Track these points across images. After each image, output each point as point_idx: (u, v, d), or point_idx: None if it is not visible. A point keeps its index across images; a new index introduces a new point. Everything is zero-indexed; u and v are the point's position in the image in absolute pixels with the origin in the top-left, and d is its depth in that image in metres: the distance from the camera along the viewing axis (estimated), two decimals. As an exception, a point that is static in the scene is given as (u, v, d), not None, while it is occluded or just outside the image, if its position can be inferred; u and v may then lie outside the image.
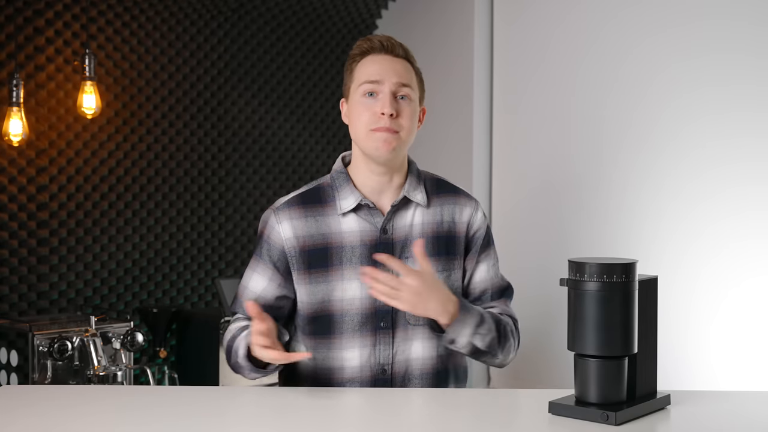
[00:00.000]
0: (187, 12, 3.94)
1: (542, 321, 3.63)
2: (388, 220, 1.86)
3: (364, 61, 1.86)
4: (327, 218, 1.87)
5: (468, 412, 1.60)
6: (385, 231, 1.86)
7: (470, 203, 1.95)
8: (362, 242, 1.85)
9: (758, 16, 3.03)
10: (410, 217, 1.88)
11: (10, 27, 3.39)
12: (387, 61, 1.84)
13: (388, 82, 1.82)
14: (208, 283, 4.05)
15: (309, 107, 4.41)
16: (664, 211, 3.30)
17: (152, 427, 1.50)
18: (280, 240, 1.87)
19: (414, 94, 1.85)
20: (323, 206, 1.88)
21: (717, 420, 1.52)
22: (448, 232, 1.90)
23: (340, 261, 1.84)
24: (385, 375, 1.84)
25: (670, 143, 3.28)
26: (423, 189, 1.90)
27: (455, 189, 1.96)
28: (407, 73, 1.85)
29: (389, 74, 1.82)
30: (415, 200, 1.88)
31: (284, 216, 1.88)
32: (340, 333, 1.85)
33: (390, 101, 1.81)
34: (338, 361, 1.85)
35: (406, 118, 1.83)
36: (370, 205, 1.86)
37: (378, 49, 1.85)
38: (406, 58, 1.87)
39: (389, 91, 1.81)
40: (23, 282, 3.48)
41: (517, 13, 3.89)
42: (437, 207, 1.91)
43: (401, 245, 1.86)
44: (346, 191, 1.87)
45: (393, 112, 1.80)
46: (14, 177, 3.45)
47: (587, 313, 1.49)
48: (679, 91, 3.26)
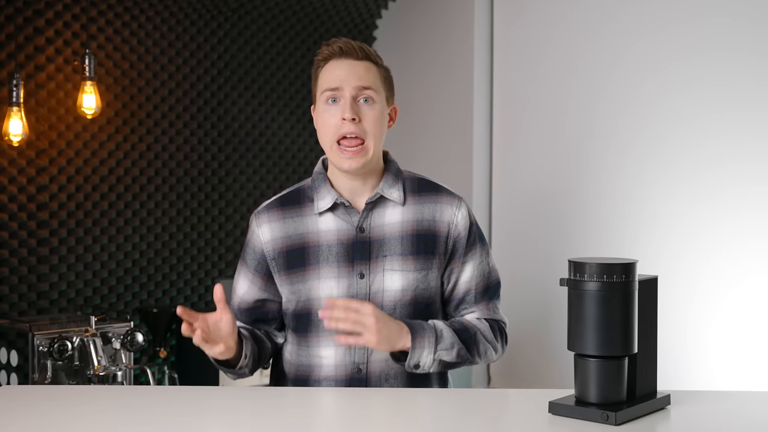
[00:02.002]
0: (187, 12, 3.94)
1: (542, 321, 3.63)
2: (365, 218, 1.87)
3: (326, 68, 1.87)
4: (304, 218, 1.88)
5: (468, 412, 1.60)
6: (362, 230, 1.86)
7: (452, 202, 1.92)
8: (339, 241, 1.85)
9: (758, 15, 3.03)
10: (388, 215, 1.88)
11: (10, 27, 3.39)
12: (347, 66, 1.84)
13: (347, 87, 1.82)
14: (208, 283, 4.05)
15: (309, 107, 4.40)
16: (663, 211, 3.30)
17: (152, 427, 1.50)
18: (259, 243, 1.90)
19: (378, 95, 1.85)
20: (301, 207, 1.90)
21: (717, 420, 1.52)
22: (428, 231, 1.89)
23: (317, 260, 1.85)
24: (360, 374, 1.84)
25: (669, 143, 3.28)
26: (401, 187, 1.90)
27: (437, 187, 1.94)
28: (368, 75, 1.85)
29: (349, 79, 1.83)
30: (391, 198, 1.88)
31: (263, 219, 1.90)
32: (317, 331, 1.86)
33: (350, 106, 1.81)
34: (316, 359, 1.87)
35: (370, 121, 1.83)
36: (347, 204, 1.86)
37: (338, 54, 1.85)
38: (367, 59, 1.86)
39: (349, 96, 1.82)
40: (23, 282, 3.48)
41: (517, 13, 3.89)
42: (417, 205, 1.90)
43: (378, 244, 1.86)
44: (323, 191, 1.88)
45: (354, 116, 1.81)
46: (14, 177, 3.45)
47: (587, 313, 1.49)
48: (678, 90, 3.26)
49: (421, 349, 1.78)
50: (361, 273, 1.85)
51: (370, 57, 1.87)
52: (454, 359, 1.83)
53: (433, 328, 1.82)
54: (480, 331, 1.88)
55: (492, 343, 1.89)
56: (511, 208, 3.91)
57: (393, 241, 1.86)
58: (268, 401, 1.70)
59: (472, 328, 1.88)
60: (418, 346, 1.78)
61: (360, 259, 1.85)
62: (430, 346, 1.79)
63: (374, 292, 1.85)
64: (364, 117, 1.82)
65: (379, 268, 1.85)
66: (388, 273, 1.85)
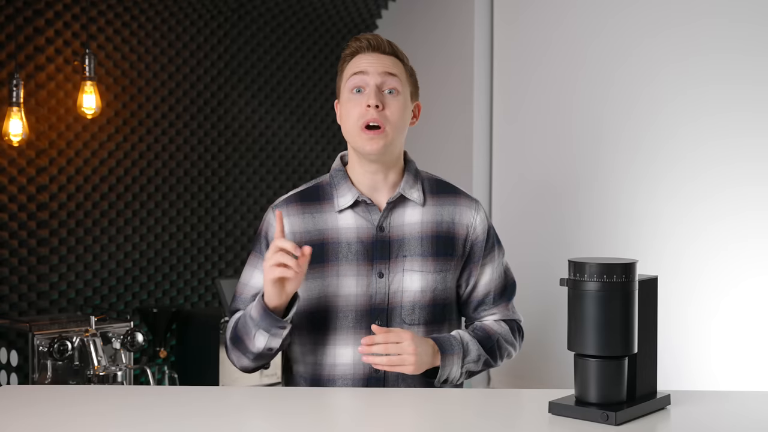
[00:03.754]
0: (187, 12, 3.94)
1: (542, 321, 3.63)
2: (385, 217, 1.87)
3: (353, 60, 1.88)
4: (324, 215, 1.88)
5: (468, 412, 1.60)
6: (382, 229, 1.86)
7: (471, 205, 1.94)
8: (359, 239, 1.85)
9: (758, 15, 3.03)
10: (408, 215, 1.88)
11: (10, 27, 3.39)
12: (374, 57, 1.86)
13: (373, 73, 1.84)
14: (208, 283, 4.05)
15: (309, 107, 4.41)
16: (663, 211, 3.30)
17: (152, 427, 1.50)
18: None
19: (402, 87, 1.86)
20: (321, 203, 1.89)
21: (717, 420, 1.52)
22: (447, 233, 1.90)
23: (336, 257, 1.85)
24: (378, 374, 1.84)
25: (668, 143, 3.28)
26: (420, 188, 1.91)
27: (455, 190, 1.96)
28: (394, 67, 1.87)
29: (374, 65, 1.84)
30: (411, 198, 1.88)
31: (282, 213, 1.88)
32: (334, 329, 1.85)
33: (375, 93, 1.82)
34: (331, 357, 1.85)
35: (394, 111, 1.84)
36: (368, 202, 1.86)
37: (366, 47, 1.87)
38: (394, 55, 1.89)
39: (374, 84, 1.83)
40: (23, 282, 3.48)
41: (517, 13, 3.89)
42: (436, 207, 1.91)
43: (398, 243, 1.86)
44: (343, 188, 1.88)
45: (378, 103, 1.82)
46: (14, 177, 3.45)
47: (587, 313, 1.49)
48: (678, 90, 3.26)
49: (450, 366, 1.81)
50: (381, 272, 1.85)
51: (397, 54, 1.89)
52: (480, 368, 1.87)
53: (460, 342, 1.84)
54: (501, 336, 1.92)
55: (512, 344, 1.94)
56: (511, 208, 3.91)
57: (413, 242, 1.87)
58: (269, 401, 1.70)
59: (494, 335, 1.91)
60: (448, 363, 1.80)
61: (380, 259, 1.85)
62: (458, 361, 1.82)
63: (393, 291, 1.85)
64: (388, 106, 1.84)
65: (398, 268, 1.85)
66: (407, 273, 1.85)
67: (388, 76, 1.84)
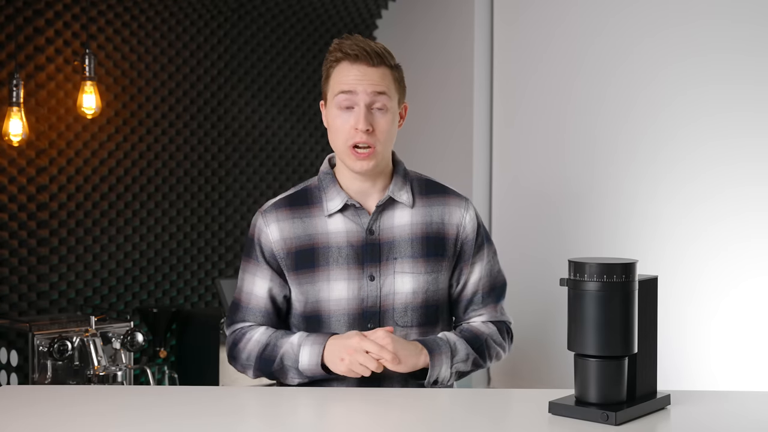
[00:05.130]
0: (187, 12, 3.94)
1: (542, 321, 3.63)
2: (374, 220, 1.86)
3: (339, 69, 1.82)
4: (314, 219, 1.87)
5: (468, 412, 1.60)
6: (372, 232, 1.86)
7: (460, 204, 1.93)
8: (349, 243, 1.85)
9: (758, 15, 3.03)
10: (397, 217, 1.88)
11: (10, 27, 3.39)
12: (361, 71, 1.80)
13: (362, 93, 1.79)
14: (208, 283, 4.05)
15: (309, 107, 4.41)
16: (663, 211, 3.30)
17: (152, 427, 1.50)
18: (269, 242, 1.88)
19: (391, 102, 1.83)
20: (310, 207, 1.89)
21: (717, 420, 1.52)
22: (437, 234, 1.89)
23: (326, 261, 1.85)
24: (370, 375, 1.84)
25: (668, 143, 3.28)
26: (409, 189, 1.90)
27: (444, 189, 1.95)
28: (383, 81, 1.81)
29: (363, 84, 1.79)
30: (400, 200, 1.88)
31: (271, 218, 1.89)
32: (327, 332, 1.85)
33: (364, 117, 1.79)
34: None
35: (383, 129, 1.81)
36: (357, 206, 1.86)
37: (352, 58, 1.81)
38: (382, 64, 1.82)
39: (363, 104, 1.79)
40: (23, 282, 3.48)
41: (517, 13, 3.89)
42: (426, 208, 1.90)
43: (388, 246, 1.86)
44: (332, 192, 1.87)
45: (368, 127, 1.79)
46: (14, 177, 3.45)
47: (587, 313, 1.49)
48: (678, 91, 3.26)
49: (440, 366, 1.80)
50: (372, 275, 1.85)
51: (384, 62, 1.82)
52: (469, 368, 1.86)
53: (447, 342, 1.83)
54: (489, 336, 1.91)
55: (501, 345, 1.93)
56: (511, 208, 3.91)
57: (403, 244, 1.86)
58: (269, 401, 1.70)
59: (482, 335, 1.90)
60: (437, 363, 1.80)
61: (370, 262, 1.85)
62: (447, 361, 1.81)
63: (385, 294, 1.85)
64: (377, 126, 1.81)
65: (389, 271, 1.85)
66: (398, 275, 1.85)
67: (377, 96, 1.80)
